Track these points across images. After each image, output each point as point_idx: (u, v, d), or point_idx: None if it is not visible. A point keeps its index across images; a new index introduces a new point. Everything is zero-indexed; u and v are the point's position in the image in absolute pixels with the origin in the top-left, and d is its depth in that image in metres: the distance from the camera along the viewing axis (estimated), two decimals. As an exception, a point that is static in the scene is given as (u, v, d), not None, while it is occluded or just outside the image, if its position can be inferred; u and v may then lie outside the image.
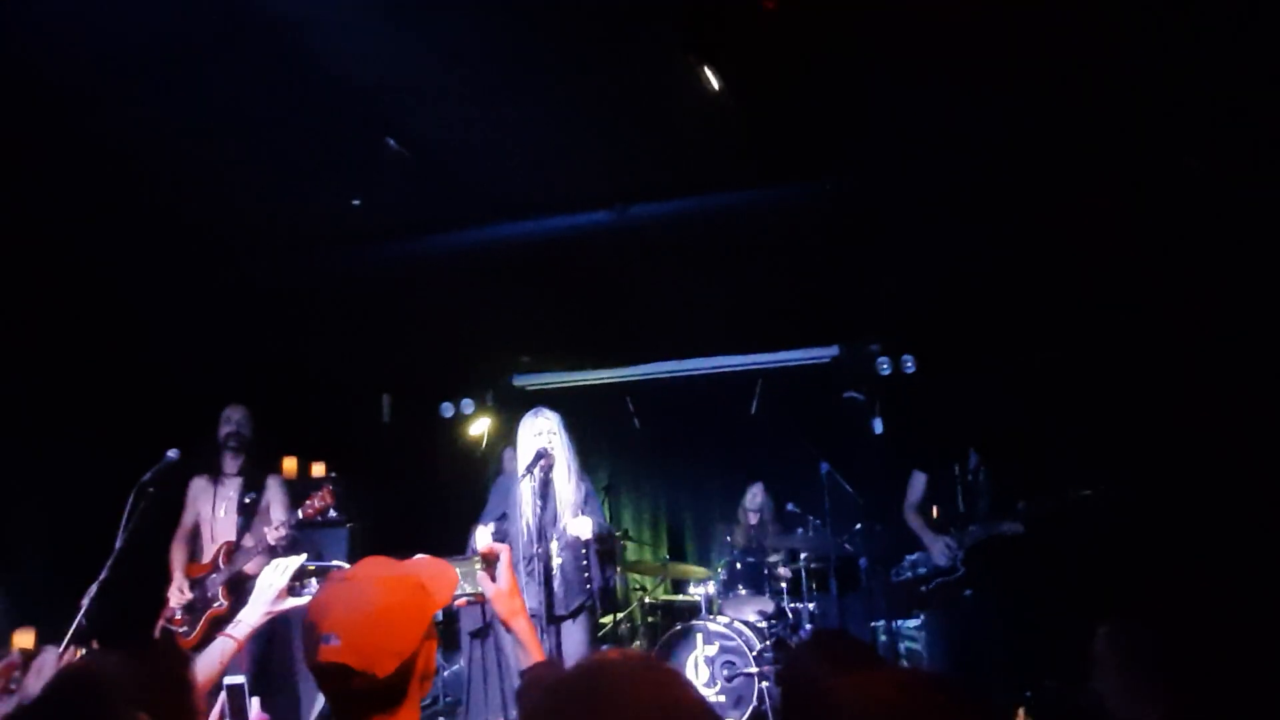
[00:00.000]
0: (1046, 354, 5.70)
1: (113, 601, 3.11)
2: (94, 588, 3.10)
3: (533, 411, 4.18)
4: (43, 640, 2.71)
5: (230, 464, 4.50)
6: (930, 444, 4.97)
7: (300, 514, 4.04)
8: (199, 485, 4.48)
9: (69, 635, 2.90)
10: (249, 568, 4.19)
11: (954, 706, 1.21)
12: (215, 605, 4.18)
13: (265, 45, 3.25)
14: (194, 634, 4.17)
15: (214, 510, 4.40)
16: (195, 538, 4.41)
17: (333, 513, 4.06)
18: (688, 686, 1.15)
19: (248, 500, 4.38)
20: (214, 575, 4.23)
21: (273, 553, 4.08)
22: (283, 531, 4.06)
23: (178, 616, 4.21)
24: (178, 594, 4.22)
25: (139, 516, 3.29)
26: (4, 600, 2.46)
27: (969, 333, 6.25)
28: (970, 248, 5.29)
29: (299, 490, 4.44)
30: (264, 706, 2.19)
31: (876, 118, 4.06)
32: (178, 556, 4.36)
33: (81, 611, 3.03)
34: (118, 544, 3.23)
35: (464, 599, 1.93)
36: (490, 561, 1.93)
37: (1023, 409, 5.31)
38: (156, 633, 4.18)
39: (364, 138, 3.96)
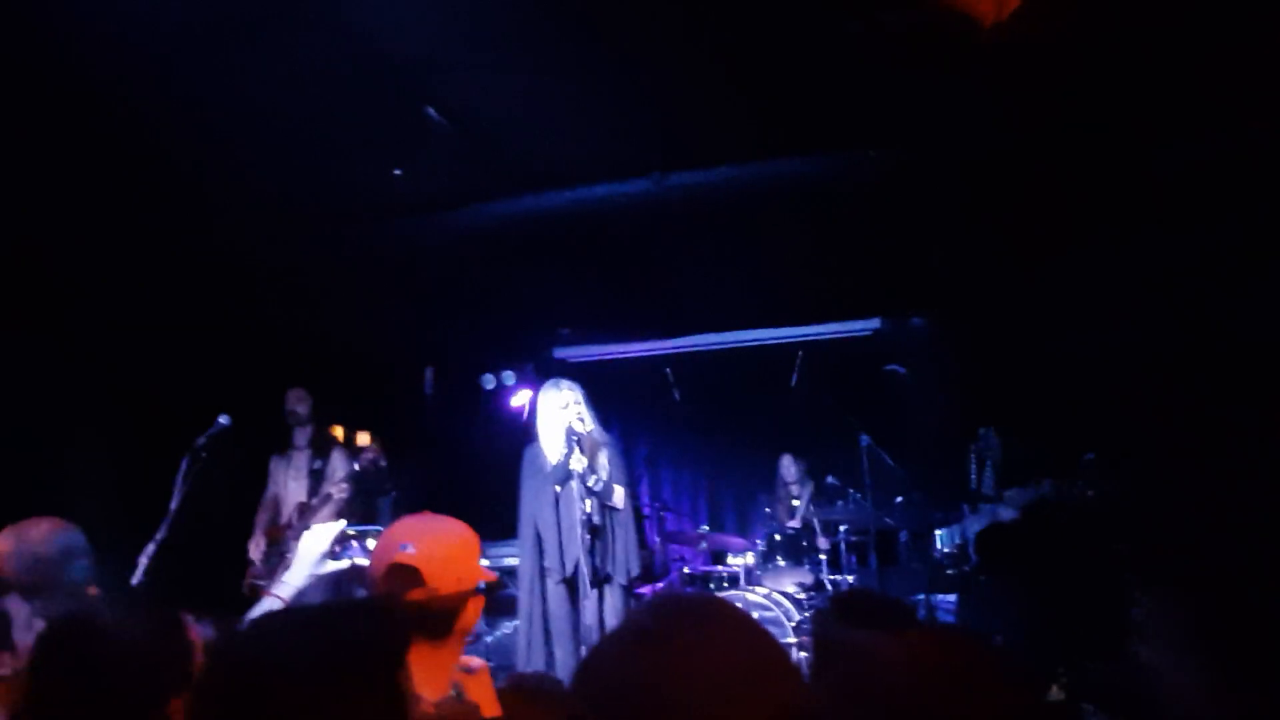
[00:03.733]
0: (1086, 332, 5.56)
1: (169, 559, 3.22)
2: (151, 547, 3.22)
3: (552, 383, 4.22)
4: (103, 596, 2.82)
5: (299, 438, 5.13)
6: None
7: (356, 466, 4.62)
8: (275, 461, 5.13)
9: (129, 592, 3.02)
10: (315, 522, 4.58)
11: (995, 666, 1.21)
12: (289, 556, 4.41)
13: (304, 16, 3.27)
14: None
15: (287, 479, 5.04)
16: (275, 506, 5.03)
17: (382, 463, 4.65)
18: (754, 620, 1.15)
19: (315, 467, 4.99)
20: (289, 532, 4.74)
21: (339, 508, 4.72)
22: (344, 484, 4.68)
23: (259, 571, 4.70)
24: (253, 548, 4.81)
25: (193, 479, 3.42)
26: (91, 553, 2.57)
27: (1014, 305, 6.13)
28: (1015, 220, 5.18)
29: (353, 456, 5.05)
30: None
31: (920, 87, 3.98)
32: (260, 521, 4.97)
33: (140, 569, 3.15)
34: (172, 505, 3.35)
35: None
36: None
37: (1048, 386, 5.20)
38: (245, 589, 4.70)
39: (403, 109, 3.98)
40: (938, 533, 5.09)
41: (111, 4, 3.07)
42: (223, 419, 3.69)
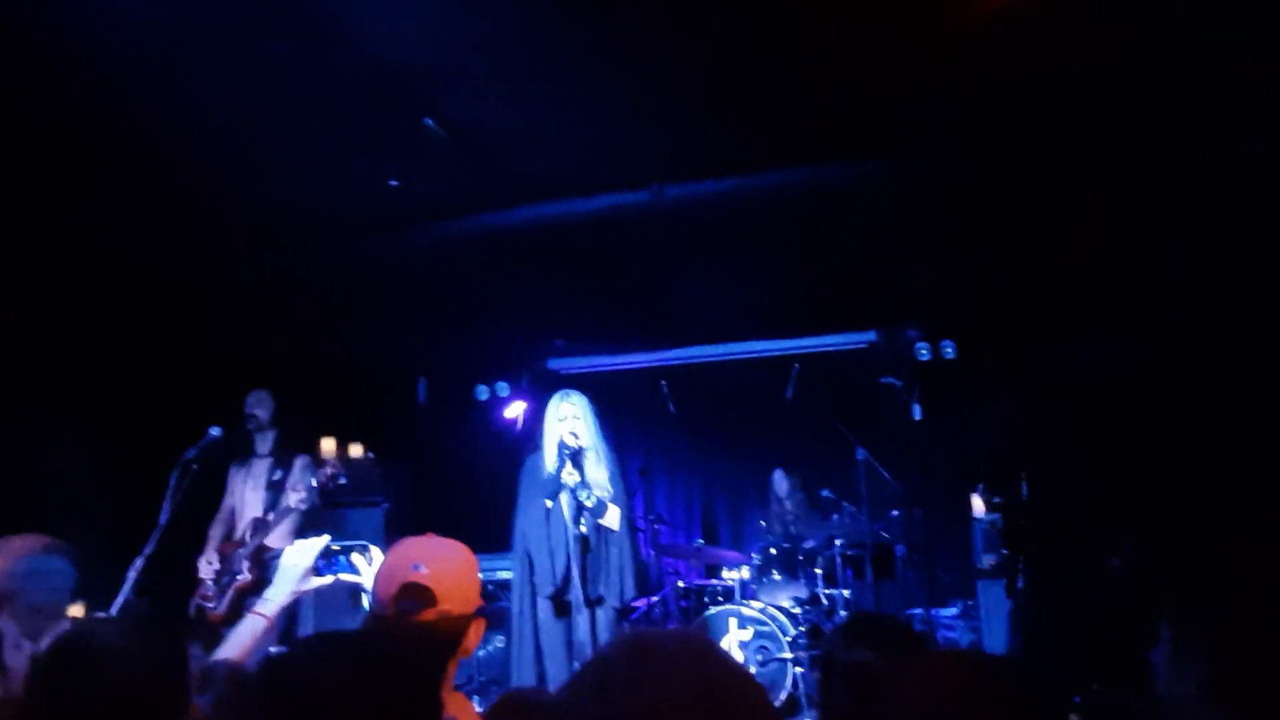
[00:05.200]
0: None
1: (158, 573, 3.18)
2: (140, 560, 3.17)
3: (560, 394, 4.18)
4: (92, 611, 2.78)
5: (260, 445, 4.65)
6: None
7: (315, 482, 4.21)
8: (233, 469, 4.66)
9: (117, 605, 2.97)
10: (270, 540, 4.30)
11: (1008, 691, 1.18)
12: (240, 579, 4.24)
13: (302, 27, 3.26)
14: (223, 608, 4.22)
15: (244, 490, 4.58)
16: (230, 519, 4.60)
17: (343, 480, 4.22)
18: (727, 656, 1.14)
19: (275, 478, 4.51)
20: (241, 550, 4.34)
21: (298, 523, 4.30)
22: (303, 494, 4.23)
23: (209, 592, 4.32)
24: (205, 566, 4.39)
25: (183, 491, 3.37)
26: (73, 571, 2.52)
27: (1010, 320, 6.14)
28: (1013, 232, 5.18)
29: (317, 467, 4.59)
30: None
31: (919, 97, 3.98)
32: (214, 535, 4.56)
33: (128, 583, 3.10)
34: (162, 518, 3.31)
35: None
36: None
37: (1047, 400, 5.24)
38: (191, 610, 4.31)
39: (402, 119, 3.96)
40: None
41: (111, 12, 3.05)
42: (213, 431, 3.65)
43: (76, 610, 3.14)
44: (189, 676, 1.46)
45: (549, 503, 4.01)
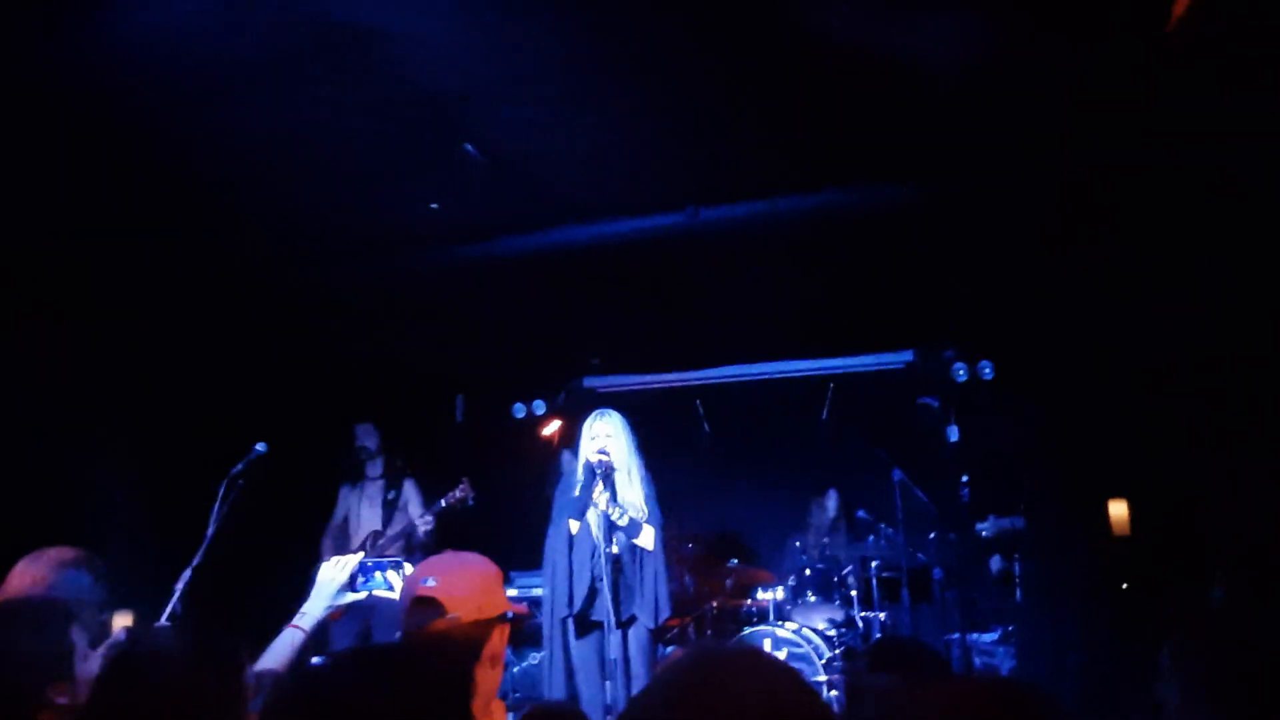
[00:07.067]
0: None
1: (205, 585, 3.26)
2: (187, 572, 3.26)
3: (596, 412, 4.20)
4: (141, 620, 2.86)
5: (371, 470, 5.41)
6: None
7: (444, 503, 4.84)
8: (346, 490, 5.40)
9: (165, 616, 3.06)
10: (390, 551, 4.89)
11: (1035, 716, 1.17)
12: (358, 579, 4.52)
13: (346, 54, 3.37)
14: (338, 611, 4.44)
15: (359, 507, 5.29)
16: (343, 532, 5.27)
17: (470, 502, 4.82)
18: (793, 671, 1.14)
19: (389, 497, 5.27)
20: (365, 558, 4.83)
21: (421, 538, 4.96)
22: (429, 516, 4.93)
23: None
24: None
25: (229, 505, 3.47)
26: (102, 591, 2.59)
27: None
28: (1050, 253, 5.13)
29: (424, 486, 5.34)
30: None
31: (953, 118, 3.98)
32: (326, 546, 5.19)
33: (176, 595, 3.19)
34: (209, 531, 3.40)
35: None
36: None
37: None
38: None
39: (442, 144, 4.06)
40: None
41: (165, 46, 3.19)
42: (259, 446, 3.73)
43: (125, 620, 3.24)
44: (245, 685, 1.51)
45: (575, 523, 4.02)
